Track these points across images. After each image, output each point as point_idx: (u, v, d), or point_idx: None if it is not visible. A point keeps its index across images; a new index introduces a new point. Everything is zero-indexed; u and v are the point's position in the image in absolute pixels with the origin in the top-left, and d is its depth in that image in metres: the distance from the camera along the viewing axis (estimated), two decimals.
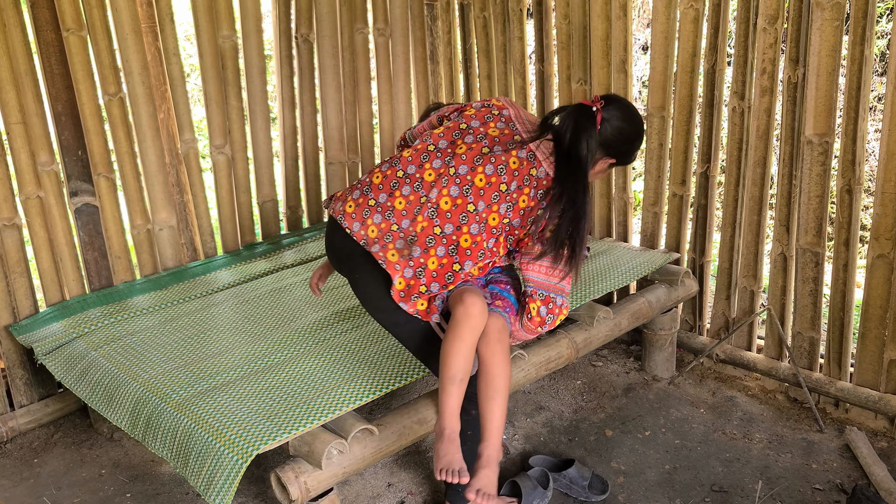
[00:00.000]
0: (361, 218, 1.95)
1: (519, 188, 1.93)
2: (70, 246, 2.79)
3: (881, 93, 4.35)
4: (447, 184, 1.93)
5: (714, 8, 2.67)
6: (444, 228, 1.92)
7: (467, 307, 1.89)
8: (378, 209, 1.94)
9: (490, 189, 1.92)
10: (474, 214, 1.92)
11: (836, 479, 2.36)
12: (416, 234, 1.91)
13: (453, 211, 1.92)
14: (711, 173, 2.86)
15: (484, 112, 2.02)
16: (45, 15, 2.59)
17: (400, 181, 1.95)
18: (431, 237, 1.92)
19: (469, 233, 1.92)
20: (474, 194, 1.92)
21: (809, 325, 2.68)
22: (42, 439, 2.76)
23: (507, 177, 1.93)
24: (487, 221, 1.93)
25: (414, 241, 1.91)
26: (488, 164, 1.93)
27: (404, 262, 1.90)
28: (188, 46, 5.91)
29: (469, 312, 1.89)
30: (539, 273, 1.97)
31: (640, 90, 5.08)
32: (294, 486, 1.89)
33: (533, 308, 2.00)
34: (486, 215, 1.93)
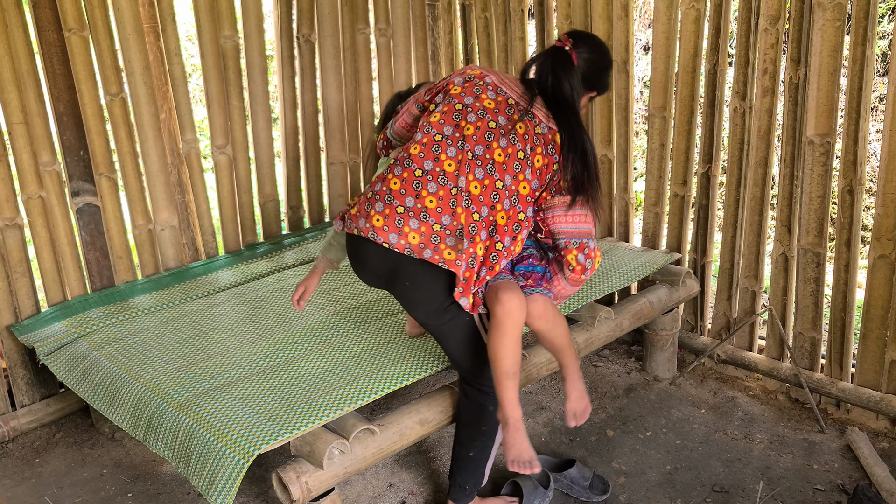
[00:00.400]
0: (396, 228, 1.89)
1: (532, 150, 1.94)
2: (72, 246, 2.79)
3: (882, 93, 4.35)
4: (470, 168, 1.90)
5: (715, 8, 2.67)
6: (480, 213, 1.91)
7: (505, 305, 1.92)
8: (411, 214, 1.89)
9: (511, 161, 1.92)
10: (504, 190, 1.92)
11: (838, 480, 2.36)
12: (461, 225, 1.89)
13: (484, 193, 1.91)
14: (713, 174, 2.86)
15: (470, 86, 1.99)
16: (47, 15, 2.60)
17: (422, 180, 1.91)
18: (473, 225, 1.90)
19: (503, 209, 1.93)
20: (499, 171, 1.92)
21: (811, 326, 2.68)
22: (44, 439, 2.77)
23: (520, 143, 1.93)
24: (518, 192, 1.94)
25: (463, 235, 1.89)
26: (500, 137, 1.93)
27: (461, 256, 1.89)
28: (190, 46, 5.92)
29: (507, 309, 1.92)
30: (566, 223, 2.00)
31: (641, 90, 5.08)
32: (295, 486, 1.89)
33: (571, 259, 2.01)
34: (516, 187, 1.94)
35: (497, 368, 1.94)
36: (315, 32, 3.25)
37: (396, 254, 1.91)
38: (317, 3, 3.22)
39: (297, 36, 3.23)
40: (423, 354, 2.27)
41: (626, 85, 2.96)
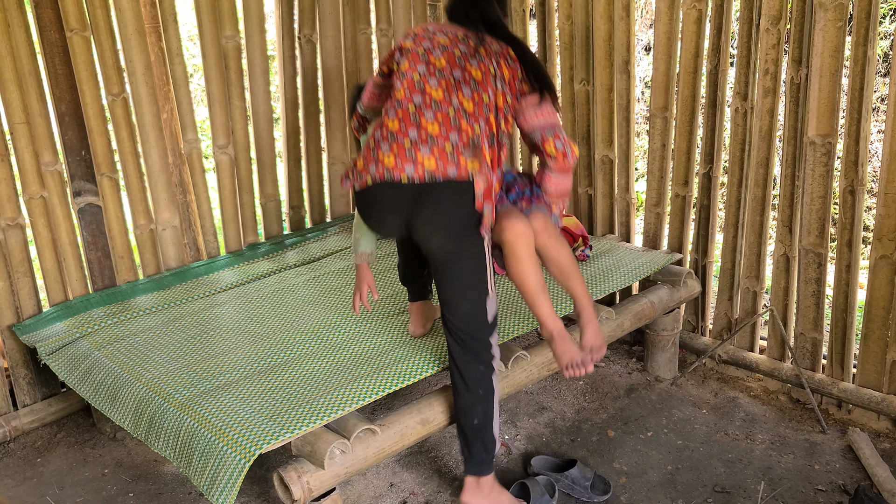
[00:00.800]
0: (410, 160, 1.94)
1: (498, 65, 2.04)
2: (73, 246, 2.80)
3: (884, 94, 4.34)
4: (457, 89, 2.00)
5: (717, 9, 2.67)
6: (480, 125, 2.00)
7: (512, 228, 2.02)
8: (419, 144, 1.95)
9: (487, 76, 2.03)
10: (491, 103, 2.03)
11: (839, 481, 2.36)
12: (471, 138, 1.98)
13: (478, 107, 2.00)
14: (714, 174, 2.86)
15: (420, 37, 2.09)
16: (49, 15, 2.60)
17: (418, 112, 1.98)
18: (478, 136, 2.00)
19: (493, 122, 2.04)
20: (482, 87, 2.01)
21: (812, 326, 2.68)
22: (45, 439, 2.77)
23: (487, 61, 2.03)
24: (498, 104, 2.05)
25: (477, 145, 1.99)
26: (469, 59, 2.03)
27: (483, 166, 1.97)
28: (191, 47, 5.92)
29: (516, 232, 2.02)
30: (538, 118, 2.10)
31: (642, 91, 5.08)
32: (297, 485, 1.89)
33: (550, 148, 2.09)
34: (496, 100, 2.04)
35: (526, 291, 2.06)
36: (317, 33, 3.25)
37: (416, 186, 1.94)
38: (318, 3, 3.22)
39: (299, 36, 3.23)
40: (425, 355, 2.28)
41: (627, 85, 2.96)
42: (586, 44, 3.04)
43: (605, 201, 3.18)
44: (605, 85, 3.01)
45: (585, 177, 3.22)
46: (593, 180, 3.18)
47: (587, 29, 3.01)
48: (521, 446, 2.61)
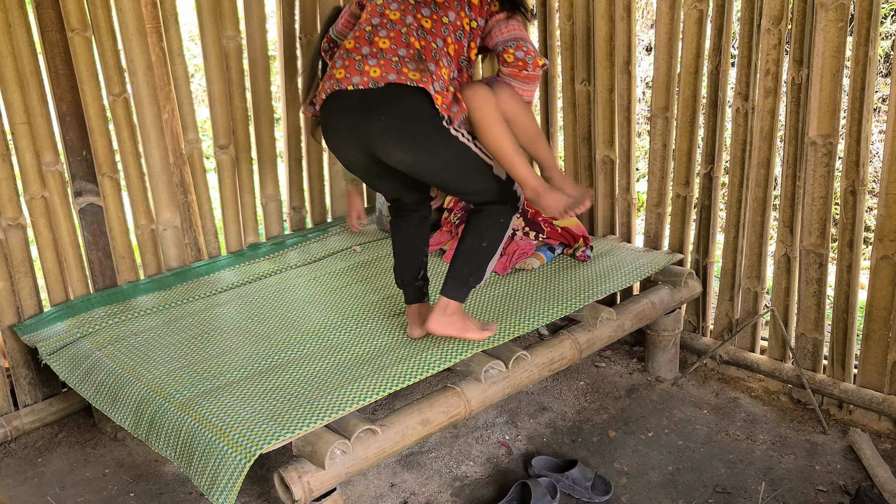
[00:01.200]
0: (357, 71, 2.04)
1: None
2: (74, 246, 2.80)
3: (885, 94, 4.34)
4: (416, 10, 2.10)
5: (718, 9, 2.67)
6: (437, 44, 2.08)
7: (474, 95, 2.07)
8: (368, 57, 2.05)
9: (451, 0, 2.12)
10: (450, 25, 2.12)
11: (840, 481, 2.36)
12: (418, 51, 2.05)
13: (435, 26, 2.10)
14: (715, 174, 2.85)
15: None
16: (50, 15, 2.60)
17: (373, 32, 2.08)
18: (435, 51, 2.07)
19: (454, 42, 2.12)
20: (442, 8, 2.11)
21: (813, 327, 2.68)
22: (46, 439, 2.77)
23: None
24: (464, 27, 2.14)
25: (424, 58, 2.04)
26: None
27: (428, 76, 2.01)
28: (192, 47, 5.92)
29: (479, 95, 2.07)
30: (503, 33, 2.15)
31: (643, 91, 5.08)
32: (297, 486, 1.89)
33: (508, 56, 2.14)
34: (461, 22, 2.13)
35: (502, 156, 2.10)
36: (318, 33, 3.25)
37: (361, 92, 2.03)
38: (319, 3, 3.22)
39: (300, 36, 3.23)
40: (426, 355, 2.28)
41: (628, 85, 2.96)
42: (587, 44, 3.04)
43: (606, 201, 3.18)
44: (606, 85, 3.01)
45: (586, 177, 3.22)
46: (594, 181, 3.18)
47: (588, 29, 3.01)
48: (522, 447, 2.61)
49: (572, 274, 2.80)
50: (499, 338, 2.36)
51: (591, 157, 3.18)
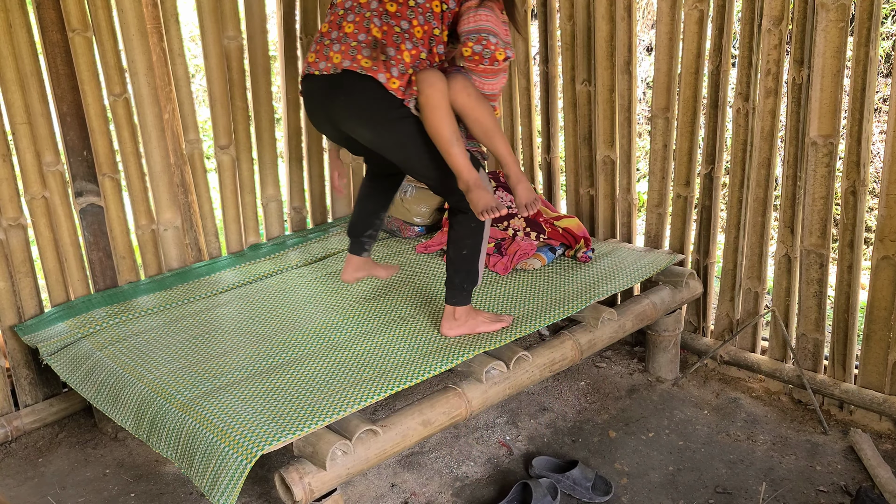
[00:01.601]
0: (325, 56, 2.18)
1: None
2: (75, 246, 2.80)
3: (886, 94, 4.34)
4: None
5: (719, 9, 2.66)
6: (401, 26, 2.15)
7: (425, 80, 2.11)
8: (335, 42, 2.18)
9: None
10: (417, 8, 2.16)
11: (841, 482, 2.36)
12: (374, 39, 2.13)
13: (401, 10, 2.15)
14: (716, 175, 2.85)
15: None
16: (51, 16, 2.60)
17: (343, 15, 2.20)
18: (397, 35, 2.14)
19: (419, 24, 2.16)
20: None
21: (814, 327, 2.68)
22: (47, 439, 2.77)
23: None
24: (432, 10, 2.17)
25: (382, 45, 2.13)
26: None
27: (380, 64, 2.12)
28: (193, 47, 5.92)
29: (428, 82, 2.10)
30: (469, 23, 2.14)
31: (644, 91, 5.08)
32: (298, 486, 1.89)
33: (467, 51, 2.14)
34: (430, 4, 2.17)
35: (440, 141, 2.12)
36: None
37: (325, 77, 2.18)
38: (320, 3, 3.22)
39: (300, 36, 3.23)
40: (427, 356, 2.28)
41: (629, 86, 2.96)
42: (588, 44, 3.04)
43: (607, 202, 3.18)
44: (607, 85, 3.00)
45: (587, 177, 3.22)
46: (595, 181, 3.18)
47: (589, 29, 3.01)
48: (523, 447, 2.61)
49: (573, 275, 2.80)
50: (500, 339, 2.36)
51: (591, 157, 3.18)
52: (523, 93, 3.37)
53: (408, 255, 3.12)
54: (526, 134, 3.44)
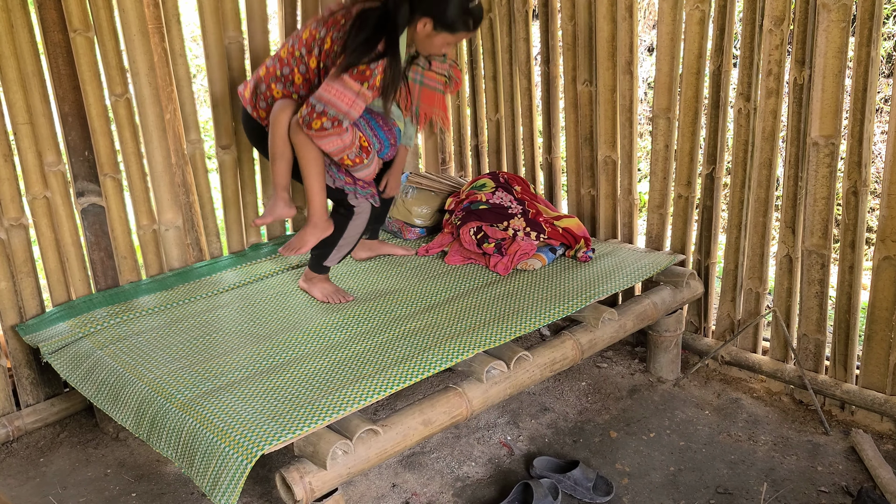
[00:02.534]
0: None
1: (327, 33, 2.40)
2: (76, 246, 2.80)
3: (888, 94, 4.34)
4: (291, 40, 2.52)
5: (720, 9, 2.66)
6: (283, 70, 2.50)
7: (275, 106, 2.48)
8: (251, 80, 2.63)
9: (312, 38, 2.45)
10: (301, 58, 2.46)
11: (842, 482, 2.36)
12: (255, 80, 2.58)
13: (290, 56, 2.49)
14: (717, 175, 2.85)
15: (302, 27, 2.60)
16: (53, 16, 2.60)
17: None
18: (273, 76, 2.52)
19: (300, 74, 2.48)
20: (302, 43, 2.47)
21: (815, 328, 2.67)
22: (48, 439, 2.77)
23: (324, 28, 2.43)
24: (309, 64, 2.46)
25: (260, 82, 2.57)
26: (320, 22, 2.46)
27: (251, 98, 2.60)
28: (194, 47, 5.93)
29: (276, 109, 2.47)
30: (319, 88, 2.35)
31: (645, 91, 5.08)
32: (299, 486, 1.90)
33: (300, 110, 2.38)
34: (308, 60, 2.46)
35: (270, 154, 2.52)
36: None
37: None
38: (321, 4, 3.22)
39: None
40: (427, 355, 2.28)
41: (630, 86, 2.96)
42: (589, 45, 3.04)
43: (608, 202, 3.17)
44: (608, 86, 3.00)
45: (588, 178, 3.22)
46: (596, 181, 3.18)
47: (590, 30, 3.01)
48: (524, 447, 2.61)
49: (574, 274, 2.80)
50: (501, 338, 2.36)
51: (593, 157, 3.18)
52: (524, 93, 3.37)
53: (409, 257, 3.12)
54: (527, 134, 3.44)
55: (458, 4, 2.34)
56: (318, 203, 2.54)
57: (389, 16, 2.32)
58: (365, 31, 2.31)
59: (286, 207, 2.61)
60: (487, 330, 2.41)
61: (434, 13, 2.34)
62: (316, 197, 2.52)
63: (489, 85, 3.53)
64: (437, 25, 2.36)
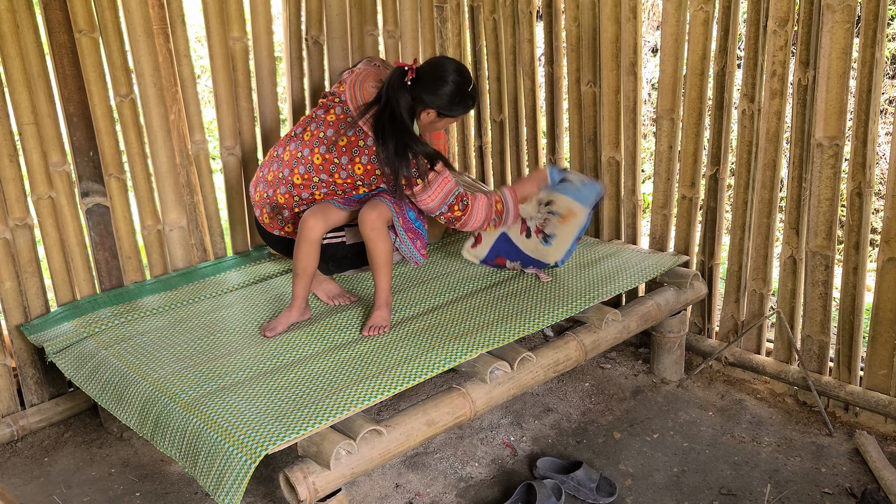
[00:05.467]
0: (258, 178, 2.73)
1: (351, 160, 2.52)
2: (81, 246, 2.81)
3: (892, 95, 4.33)
4: (296, 164, 2.57)
5: (724, 10, 2.66)
6: (301, 195, 2.60)
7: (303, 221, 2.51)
8: (261, 177, 2.70)
9: (327, 164, 2.53)
10: (321, 183, 2.57)
11: (846, 484, 2.35)
12: (277, 201, 2.64)
13: (305, 182, 2.58)
14: (721, 176, 2.85)
15: (328, 101, 2.60)
16: (58, 16, 2.61)
17: (273, 160, 2.65)
18: (295, 199, 2.61)
19: (321, 193, 2.59)
20: (315, 170, 2.55)
21: (819, 329, 2.67)
22: (52, 438, 2.78)
23: (337, 153, 2.52)
24: (336, 182, 2.56)
25: (278, 209, 2.65)
26: (322, 145, 2.53)
27: (275, 222, 2.69)
28: (199, 48, 5.94)
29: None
30: (431, 200, 2.52)
31: (649, 92, 5.08)
32: (303, 486, 1.90)
33: (448, 216, 2.57)
34: (333, 179, 2.55)
35: (294, 267, 2.53)
36: (324, 34, 3.26)
37: None
38: (325, 4, 3.22)
39: (306, 38, 3.24)
40: (431, 355, 2.28)
41: (634, 87, 2.96)
42: (593, 46, 3.04)
43: (612, 203, 3.17)
44: (612, 87, 3.01)
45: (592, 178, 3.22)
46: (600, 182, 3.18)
47: (594, 31, 3.01)
48: (527, 448, 2.61)
49: (577, 275, 2.80)
50: (504, 338, 2.36)
51: (596, 158, 3.18)
52: (528, 94, 3.37)
53: None
54: (531, 135, 3.44)
55: (456, 94, 2.48)
56: (384, 290, 2.53)
57: (395, 118, 2.44)
58: (389, 146, 2.43)
59: (301, 315, 2.59)
60: (491, 330, 2.41)
61: (436, 106, 2.49)
62: (384, 285, 2.53)
63: (493, 86, 3.53)
64: (439, 114, 2.52)
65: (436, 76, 2.47)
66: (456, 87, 2.47)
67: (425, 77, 2.47)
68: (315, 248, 2.51)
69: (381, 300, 2.52)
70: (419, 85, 2.46)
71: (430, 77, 2.47)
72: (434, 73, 2.47)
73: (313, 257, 2.51)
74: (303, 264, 2.51)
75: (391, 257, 2.53)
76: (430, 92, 2.46)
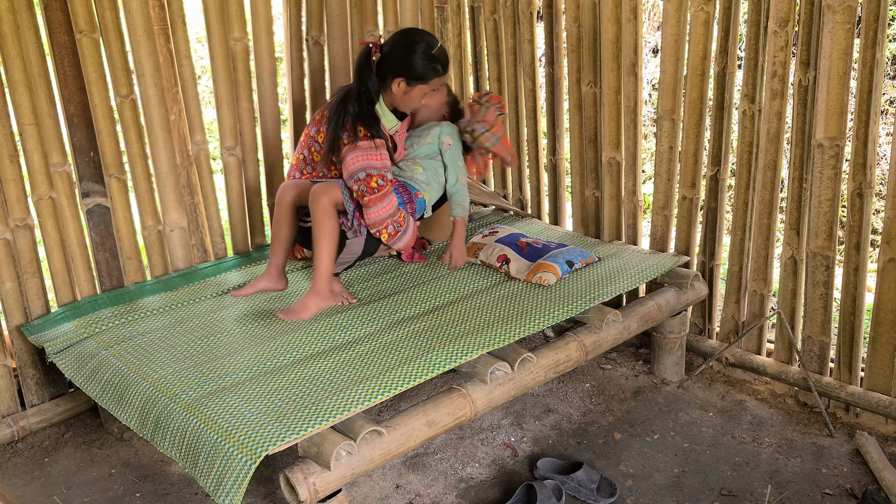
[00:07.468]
0: None
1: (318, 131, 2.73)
2: (82, 247, 2.81)
3: (893, 96, 4.33)
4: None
5: (725, 11, 2.66)
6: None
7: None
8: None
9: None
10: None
11: (847, 484, 2.35)
12: None
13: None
14: (721, 176, 2.85)
15: (320, 118, 2.75)
16: (59, 17, 2.61)
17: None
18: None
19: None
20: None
21: (820, 329, 2.67)
22: (53, 438, 2.78)
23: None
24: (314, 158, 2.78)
25: None
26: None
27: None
28: (200, 49, 5.94)
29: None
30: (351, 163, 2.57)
31: (650, 93, 5.08)
32: (303, 486, 1.90)
33: (352, 188, 2.60)
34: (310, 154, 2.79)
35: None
36: (324, 35, 3.26)
37: None
38: (326, 5, 3.22)
39: (307, 38, 3.24)
40: (431, 356, 2.28)
41: (634, 87, 2.96)
42: (594, 46, 3.04)
43: (613, 203, 3.17)
44: (613, 87, 3.00)
45: (592, 179, 3.22)
46: (600, 183, 3.18)
47: (594, 31, 3.01)
48: (528, 448, 2.61)
49: (578, 276, 2.80)
50: (504, 339, 2.36)
51: (597, 158, 3.18)
52: (529, 94, 3.37)
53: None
54: (531, 135, 3.44)
55: (422, 55, 2.55)
56: (324, 272, 2.57)
57: (363, 87, 2.57)
58: (344, 108, 2.58)
59: (270, 283, 2.70)
60: (491, 331, 2.41)
61: (403, 71, 2.55)
62: (323, 267, 2.56)
63: (493, 86, 3.53)
64: (409, 81, 2.57)
65: (400, 44, 2.57)
66: (420, 50, 2.54)
67: (390, 48, 2.57)
68: (285, 213, 2.64)
69: (319, 281, 2.58)
70: (386, 58, 2.55)
71: (394, 46, 2.57)
72: (398, 42, 2.58)
73: (284, 224, 2.65)
74: (273, 229, 2.69)
75: (335, 239, 2.57)
76: (396, 61, 2.55)
